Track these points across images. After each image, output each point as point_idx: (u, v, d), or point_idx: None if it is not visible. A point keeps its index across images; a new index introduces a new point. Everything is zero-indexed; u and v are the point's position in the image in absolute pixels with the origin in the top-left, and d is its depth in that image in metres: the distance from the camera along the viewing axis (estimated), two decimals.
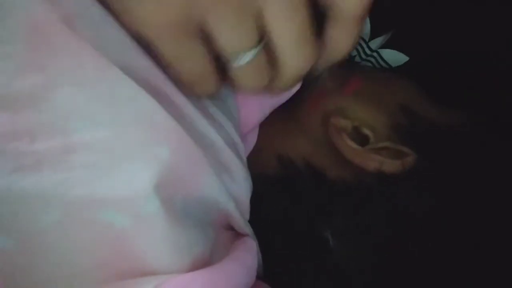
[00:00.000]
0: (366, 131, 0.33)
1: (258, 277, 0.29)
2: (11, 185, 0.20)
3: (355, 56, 0.43)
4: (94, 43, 0.21)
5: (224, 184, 0.26)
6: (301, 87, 0.33)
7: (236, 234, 0.28)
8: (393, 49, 0.42)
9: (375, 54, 0.42)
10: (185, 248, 0.23)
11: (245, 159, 0.30)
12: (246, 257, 0.26)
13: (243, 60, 0.23)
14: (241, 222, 0.28)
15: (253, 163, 0.31)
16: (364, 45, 0.42)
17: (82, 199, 0.21)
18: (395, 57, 0.42)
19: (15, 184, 0.20)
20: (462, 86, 0.37)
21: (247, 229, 0.28)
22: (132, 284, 0.21)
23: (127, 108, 0.22)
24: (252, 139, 0.34)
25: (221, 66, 0.25)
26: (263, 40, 0.23)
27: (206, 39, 0.23)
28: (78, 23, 0.21)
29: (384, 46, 0.42)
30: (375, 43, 0.41)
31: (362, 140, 0.33)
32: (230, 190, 0.27)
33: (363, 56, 0.43)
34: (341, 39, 0.26)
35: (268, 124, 0.34)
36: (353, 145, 0.31)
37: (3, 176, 0.20)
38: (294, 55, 0.24)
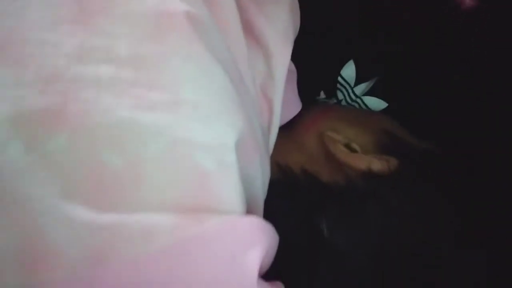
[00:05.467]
0: (355, 146, 0.39)
1: None
2: (132, 117, 0.25)
3: (341, 100, 0.49)
4: (199, 35, 0.28)
5: (261, 171, 0.31)
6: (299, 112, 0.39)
7: None
8: (375, 96, 0.48)
9: (358, 100, 0.49)
10: (243, 203, 0.28)
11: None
12: None
13: None
14: (261, 210, 0.32)
15: None
16: (350, 90, 0.48)
17: (183, 139, 0.26)
18: (376, 103, 0.48)
19: (135, 116, 0.25)
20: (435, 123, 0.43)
21: (260, 214, 0.32)
22: (207, 217, 0.25)
23: (216, 82, 0.28)
24: None
25: None
26: None
27: None
28: (193, 19, 0.28)
29: (367, 93, 0.48)
30: (359, 89, 0.48)
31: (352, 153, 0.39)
32: (263, 177, 0.31)
33: (349, 100, 0.49)
34: None
35: None
36: (346, 150, 0.37)
37: (126, 109, 0.26)
38: None
